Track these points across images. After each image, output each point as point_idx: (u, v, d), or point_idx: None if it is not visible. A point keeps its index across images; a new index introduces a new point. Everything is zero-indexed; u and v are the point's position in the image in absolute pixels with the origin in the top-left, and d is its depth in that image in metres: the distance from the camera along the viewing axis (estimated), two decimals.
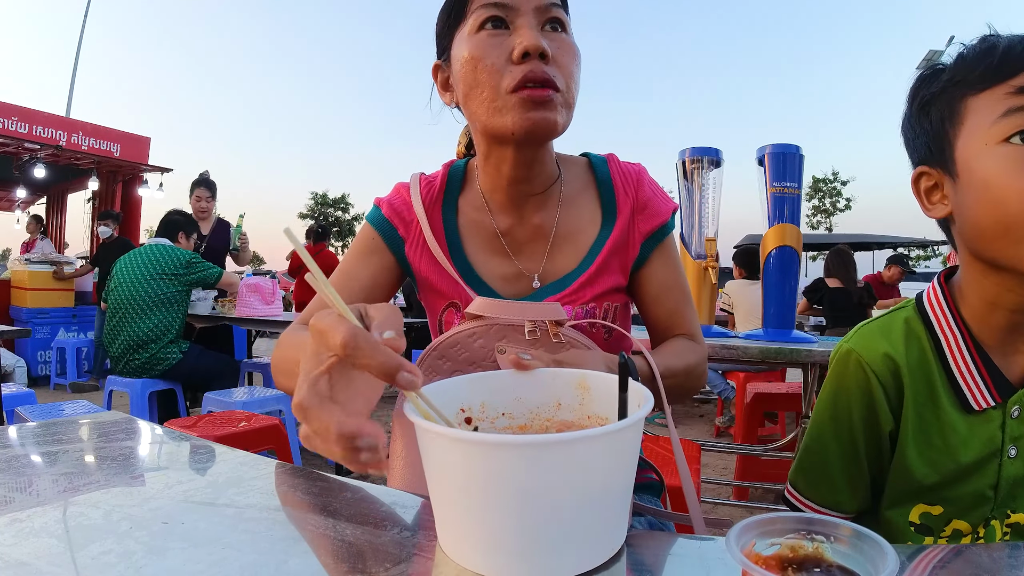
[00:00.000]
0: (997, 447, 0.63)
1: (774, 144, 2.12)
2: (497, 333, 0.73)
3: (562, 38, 0.72)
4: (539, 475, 0.37)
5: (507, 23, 0.70)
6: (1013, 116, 0.57)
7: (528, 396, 0.53)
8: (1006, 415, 0.63)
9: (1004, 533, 0.63)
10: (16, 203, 8.48)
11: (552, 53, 0.69)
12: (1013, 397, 0.63)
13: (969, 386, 0.64)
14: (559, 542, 0.39)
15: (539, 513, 0.38)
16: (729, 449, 2.86)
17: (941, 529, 0.66)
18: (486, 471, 0.38)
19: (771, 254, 2.13)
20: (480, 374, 0.53)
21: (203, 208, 3.91)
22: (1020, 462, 0.63)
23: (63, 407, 2.38)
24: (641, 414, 0.41)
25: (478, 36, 0.70)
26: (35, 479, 0.61)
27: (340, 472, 2.82)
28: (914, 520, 0.67)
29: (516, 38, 0.69)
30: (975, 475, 0.64)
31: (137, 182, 7.80)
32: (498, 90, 0.69)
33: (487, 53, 0.69)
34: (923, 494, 0.67)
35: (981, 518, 0.64)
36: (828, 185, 37.28)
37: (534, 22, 0.70)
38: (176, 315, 2.97)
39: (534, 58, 0.68)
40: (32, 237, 6.74)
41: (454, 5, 0.74)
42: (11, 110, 6.61)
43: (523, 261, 0.81)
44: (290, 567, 0.44)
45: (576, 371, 0.53)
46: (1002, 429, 0.63)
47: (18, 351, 5.35)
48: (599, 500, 0.40)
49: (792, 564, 0.36)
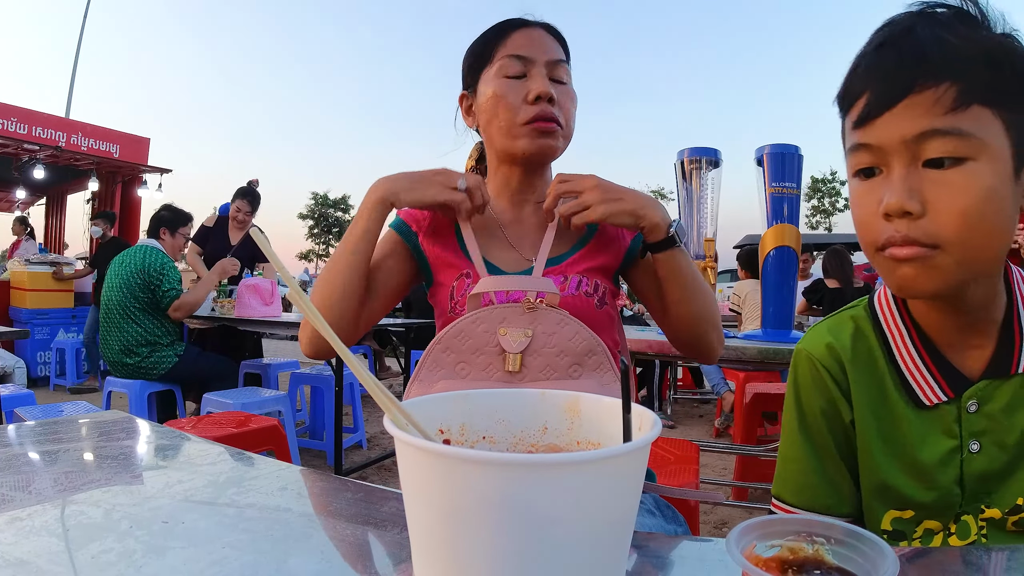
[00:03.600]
0: (956, 443, 0.62)
1: (773, 144, 2.12)
2: (498, 316, 0.81)
3: (564, 88, 0.92)
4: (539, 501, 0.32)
5: (524, 73, 0.90)
6: (853, 154, 0.58)
7: (512, 418, 0.49)
8: (961, 410, 0.62)
9: (980, 527, 0.62)
10: (16, 204, 8.46)
11: (557, 98, 0.89)
12: (968, 391, 0.62)
13: (918, 381, 0.64)
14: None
15: (535, 547, 0.33)
16: (728, 450, 2.86)
17: (913, 531, 0.65)
18: (477, 493, 0.32)
19: (770, 254, 2.13)
20: (463, 392, 0.50)
21: (240, 220, 3.84)
22: (984, 457, 0.61)
23: (62, 408, 2.38)
24: (650, 436, 0.36)
25: (501, 80, 0.90)
26: (35, 478, 0.61)
27: (340, 472, 2.82)
28: (887, 528, 0.66)
29: (532, 84, 0.88)
30: (938, 473, 0.63)
31: (136, 183, 7.80)
32: (514, 122, 0.89)
33: (507, 93, 0.89)
34: (892, 498, 0.66)
35: (951, 516, 0.63)
36: (827, 185, 37.33)
37: (545, 72, 0.90)
38: (164, 321, 2.90)
39: (544, 101, 0.88)
40: (18, 239, 6.73)
41: (483, 50, 0.93)
42: (10, 111, 6.60)
43: (522, 251, 0.94)
44: (290, 567, 0.44)
45: (567, 393, 0.50)
46: (959, 423, 0.62)
47: (17, 352, 5.33)
48: (601, 534, 0.35)
49: (792, 566, 0.36)
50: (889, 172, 0.56)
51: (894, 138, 0.54)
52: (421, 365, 0.80)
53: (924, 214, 0.54)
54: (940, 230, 0.53)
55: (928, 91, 0.53)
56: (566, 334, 0.80)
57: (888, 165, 0.56)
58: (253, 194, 3.92)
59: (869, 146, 0.56)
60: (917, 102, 0.53)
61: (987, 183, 0.52)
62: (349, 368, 0.38)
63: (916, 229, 0.54)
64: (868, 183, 0.58)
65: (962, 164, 0.53)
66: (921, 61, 0.53)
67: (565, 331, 0.80)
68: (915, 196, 0.53)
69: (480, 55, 0.94)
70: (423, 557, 0.37)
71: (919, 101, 0.53)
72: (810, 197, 37.11)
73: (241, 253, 3.72)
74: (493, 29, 0.94)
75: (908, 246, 0.54)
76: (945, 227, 0.53)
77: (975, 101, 0.52)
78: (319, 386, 3.34)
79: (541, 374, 0.79)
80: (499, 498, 0.32)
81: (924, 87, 0.53)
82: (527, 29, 0.92)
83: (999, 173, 0.53)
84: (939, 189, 0.53)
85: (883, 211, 0.55)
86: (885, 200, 0.54)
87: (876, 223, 0.56)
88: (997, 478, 0.61)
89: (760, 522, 0.38)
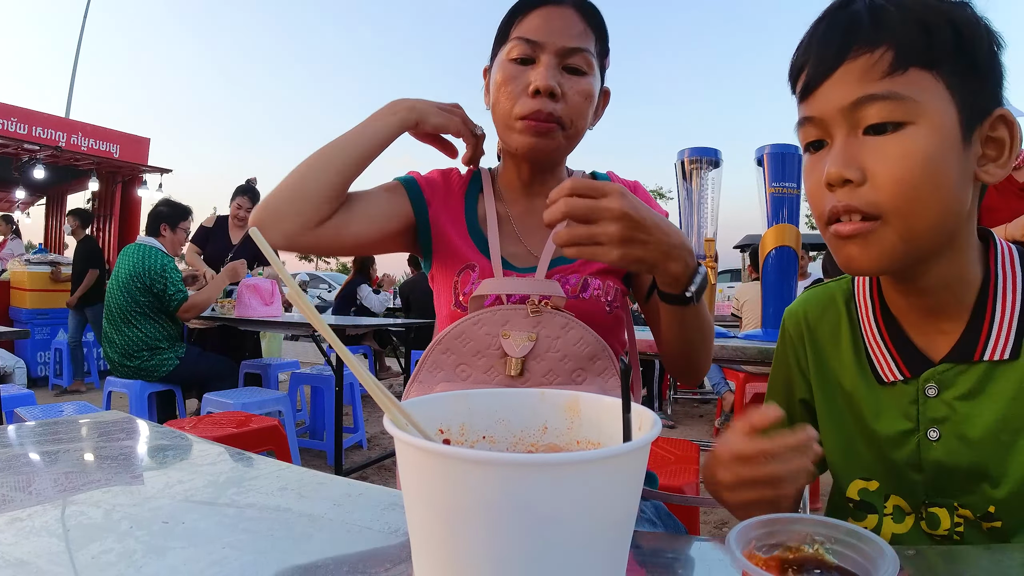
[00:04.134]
0: (913, 424, 0.61)
1: (773, 144, 2.12)
2: (500, 318, 0.78)
3: (576, 81, 0.81)
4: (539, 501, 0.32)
5: (533, 58, 0.81)
6: (800, 129, 0.58)
7: (512, 418, 0.49)
8: (919, 391, 0.61)
9: (956, 524, 0.61)
10: (15, 204, 8.47)
11: (564, 92, 0.80)
12: (926, 373, 0.61)
13: (877, 357, 0.64)
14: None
15: (535, 547, 0.33)
16: None
17: (882, 505, 0.65)
18: (477, 493, 0.32)
19: (770, 254, 2.14)
20: (463, 392, 0.50)
21: (241, 219, 3.80)
22: (943, 447, 0.60)
23: (62, 408, 2.38)
24: (651, 436, 0.36)
25: (508, 64, 0.82)
26: (35, 478, 0.61)
27: (340, 472, 2.82)
28: (852, 496, 0.66)
29: (534, 74, 0.80)
30: (893, 449, 0.62)
31: (136, 183, 7.79)
32: (511, 114, 0.81)
33: (509, 81, 0.81)
34: (855, 464, 0.66)
35: (918, 500, 0.62)
36: None
37: (554, 62, 0.80)
38: (164, 324, 2.88)
39: (544, 95, 0.79)
40: (4, 238, 6.72)
41: (503, 25, 0.86)
42: (10, 111, 6.60)
43: (530, 243, 0.89)
44: (290, 567, 0.44)
45: (567, 392, 0.50)
46: (916, 405, 0.61)
47: (17, 352, 5.33)
48: (601, 534, 0.35)
49: (792, 565, 0.36)
50: (833, 143, 0.55)
51: (833, 106, 0.54)
52: (420, 366, 0.79)
53: (864, 181, 0.53)
54: (879, 197, 0.52)
55: (863, 56, 0.52)
56: (571, 338, 0.77)
57: (832, 136, 0.55)
58: (253, 191, 3.90)
59: (812, 119, 0.56)
60: (852, 68, 0.53)
61: (925, 148, 0.51)
62: (349, 369, 0.38)
63: (857, 198, 0.53)
64: (815, 156, 0.58)
65: (901, 129, 0.52)
66: (856, 28, 0.53)
67: (570, 335, 0.77)
68: (852, 164, 0.53)
69: (501, 30, 0.87)
70: (423, 557, 0.37)
71: (854, 68, 0.53)
72: None
73: (243, 253, 3.71)
74: (519, 2, 0.84)
75: (850, 220, 0.54)
76: (883, 194, 0.52)
77: (912, 64, 0.51)
78: (319, 386, 3.34)
79: (544, 379, 0.77)
80: (499, 498, 0.32)
81: (859, 52, 0.52)
82: (549, 8, 0.81)
83: (941, 138, 0.52)
84: (877, 156, 0.52)
85: (825, 181, 0.54)
86: (826, 169, 0.54)
87: (822, 194, 0.56)
88: (964, 476, 0.59)
89: (760, 522, 0.38)
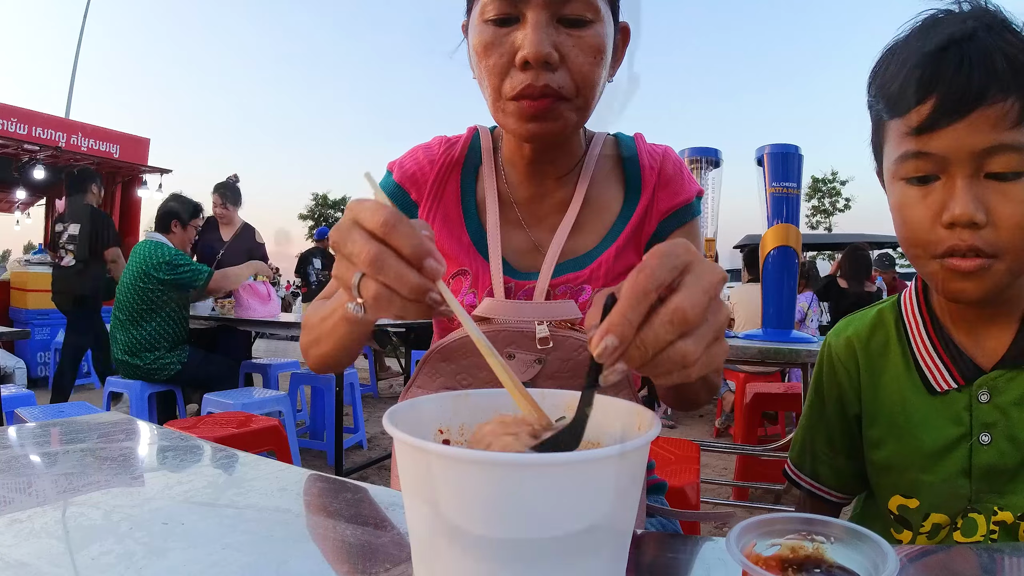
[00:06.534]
0: (965, 430, 0.63)
1: (773, 144, 2.12)
2: (506, 339, 0.69)
3: (579, 35, 0.63)
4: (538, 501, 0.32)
5: (516, 16, 0.63)
6: (906, 162, 0.59)
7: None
8: (972, 398, 0.63)
9: (990, 531, 0.62)
10: (15, 204, 8.46)
11: (565, 53, 0.63)
12: (979, 380, 0.63)
13: (929, 368, 0.66)
14: None
15: (534, 547, 0.33)
16: (729, 449, 2.86)
17: (920, 524, 0.66)
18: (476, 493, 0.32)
19: (770, 254, 2.14)
20: (463, 392, 0.49)
21: (218, 214, 3.82)
22: (994, 450, 0.62)
23: (63, 408, 2.38)
24: (650, 436, 0.36)
25: (483, 27, 0.65)
26: (35, 480, 0.61)
27: (340, 473, 2.82)
28: (892, 509, 0.69)
29: (520, 37, 0.62)
30: (944, 459, 0.64)
31: (136, 183, 7.79)
32: (500, 92, 0.65)
33: (491, 51, 0.64)
34: (898, 481, 0.68)
35: (959, 509, 0.64)
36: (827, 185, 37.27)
37: (545, 18, 0.62)
38: (169, 323, 2.86)
39: (537, 67, 0.62)
40: None
41: None
42: (10, 111, 6.60)
43: (537, 234, 0.77)
44: (290, 567, 0.44)
45: (567, 392, 0.49)
46: (969, 412, 0.63)
47: (18, 352, 5.34)
48: (601, 534, 0.34)
49: (792, 565, 0.36)
50: (950, 181, 0.57)
51: (962, 149, 0.55)
52: (419, 370, 0.74)
53: (987, 224, 0.55)
54: (1001, 240, 0.55)
55: (997, 105, 0.54)
56: (583, 360, 0.68)
57: (948, 174, 0.57)
58: (226, 187, 3.88)
59: (931, 155, 0.57)
60: (988, 114, 0.54)
61: None
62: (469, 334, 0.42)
63: (979, 238, 0.56)
64: (923, 189, 0.59)
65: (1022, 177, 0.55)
66: (992, 74, 0.54)
67: (583, 357, 0.68)
68: (980, 207, 0.55)
69: None
70: (423, 557, 0.37)
71: (990, 114, 0.54)
72: (810, 197, 37.05)
73: (237, 246, 3.74)
74: None
75: (971, 257, 0.56)
76: (1006, 237, 0.55)
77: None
78: (319, 386, 3.34)
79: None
80: (498, 498, 0.32)
81: (995, 101, 0.54)
82: None
83: None
84: (1002, 200, 0.55)
85: (948, 220, 0.56)
86: (952, 210, 0.56)
87: (935, 230, 0.58)
88: (1008, 477, 0.62)
89: (760, 521, 0.38)
